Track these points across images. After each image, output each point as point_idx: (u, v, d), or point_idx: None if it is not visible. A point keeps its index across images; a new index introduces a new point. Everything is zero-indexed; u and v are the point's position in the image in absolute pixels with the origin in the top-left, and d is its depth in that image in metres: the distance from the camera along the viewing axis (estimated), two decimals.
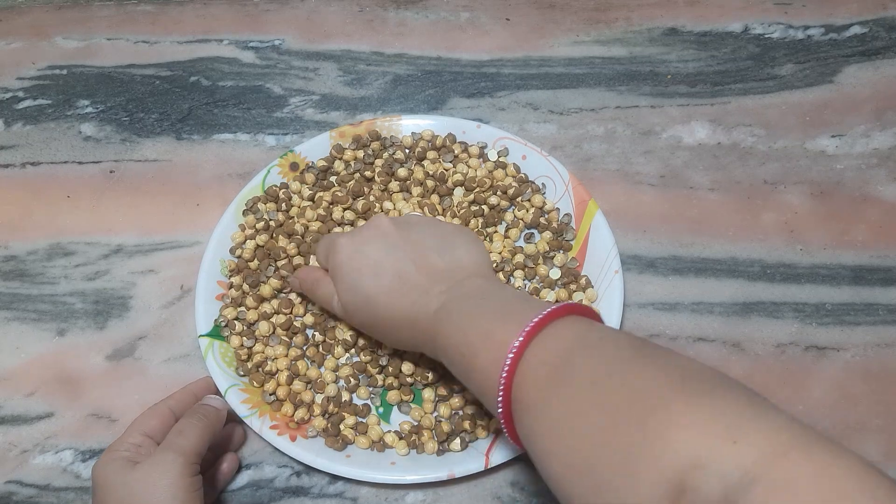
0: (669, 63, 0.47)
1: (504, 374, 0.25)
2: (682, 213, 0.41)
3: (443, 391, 0.35)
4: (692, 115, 0.45)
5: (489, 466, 0.33)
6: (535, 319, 0.25)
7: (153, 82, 0.47)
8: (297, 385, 0.35)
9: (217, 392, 0.35)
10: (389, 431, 0.35)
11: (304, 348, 0.36)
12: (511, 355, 0.25)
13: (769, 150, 0.44)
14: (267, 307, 0.37)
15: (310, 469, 0.34)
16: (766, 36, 0.48)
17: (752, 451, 0.19)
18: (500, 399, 0.25)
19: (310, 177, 0.41)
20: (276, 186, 0.41)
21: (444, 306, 0.29)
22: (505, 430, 0.26)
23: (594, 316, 0.27)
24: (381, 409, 0.35)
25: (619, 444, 0.21)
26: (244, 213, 0.40)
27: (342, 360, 0.36)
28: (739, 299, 0.39)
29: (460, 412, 0.35)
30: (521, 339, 0.25)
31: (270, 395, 0.35)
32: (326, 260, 0.33)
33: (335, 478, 0.34)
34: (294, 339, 0.36)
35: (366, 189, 0.40)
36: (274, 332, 0.36)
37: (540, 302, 0.28)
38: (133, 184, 0.43)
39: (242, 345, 0.36)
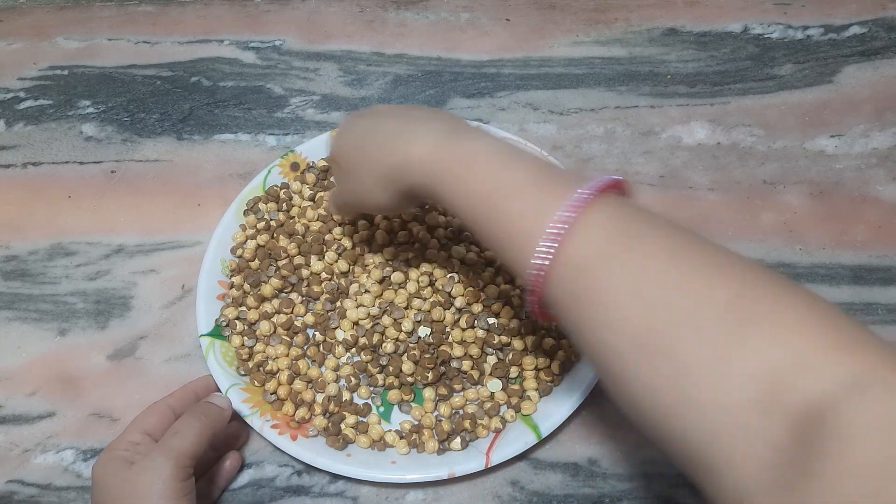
0: (669, 63, 0.47)
1: (553, 232, 0.22)
2: (682, 213, 0.41)
3: (443, 391, 0.35)
4: (692, 115, 0.45)
5: (489, 466, 0.33)
6: (591, 187, 0.22)
7: (154, 83, 0.47)
8: (298, 384, 0.35)
9: (217, 390, 0.35)
10: (390, 430, 0.35)
11: (305, 348, 0.36)
12: (566, 213, 0.22)
13: (768, 151, 0.44)
14: (268, 307, 0.37)
15: (310, 468, 0.34)
16: (766, 36, 0.48)
17: (861, 362, 0.18)
18: (543, 255, 0.22)
19: (310, 177, 0.41)
20: (276, 186, 0.41)
21: (462, 137, 0.26)
22: (530, 293, 0.23)
23: (629, 189, 0.25)
24: (381, 409, 0.35)
25: (707, 326, 0.19)
26: (245, 213, 0.40)
27: (343, 360, 0.36)
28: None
29: (461, 411, 0.35)
30: (576, 200, 0.22)
31: (271, 394, 0.35)
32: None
33: (336, 477, 0.34)
34: (295, 338, 0.36)
35: None
36: (275, 332, 0.36)
37: (569, 170, 0.26)
38: (134, 184, 0.43)
39: (243, 344, 0.36)
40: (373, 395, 0.35)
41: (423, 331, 0.36)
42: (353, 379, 0.35)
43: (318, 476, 0.35)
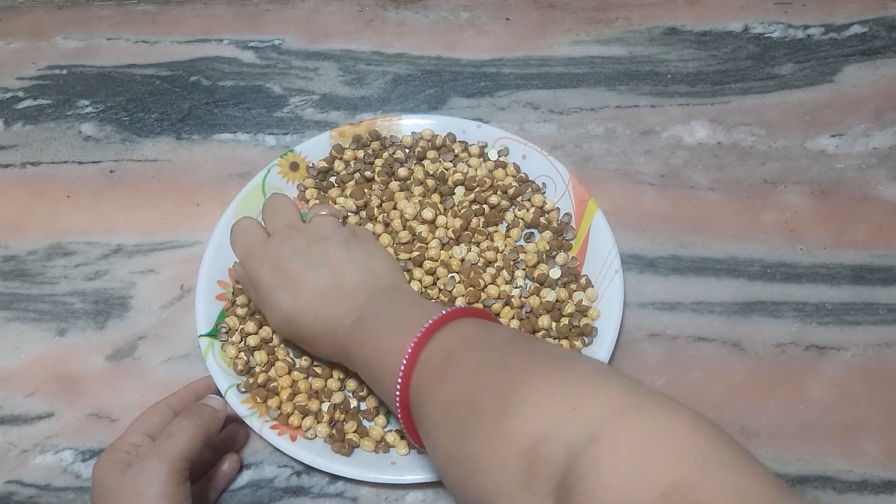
0: (669, 63, 0.47)
1: (399, 379, 0.26)
2: (683, 213, 0.41)
3: None
4: (692, 114, 0.45)
5: None
6: (425, 326, 0.27)
7: (153, 82, 0.47)
8: (301, 398, 0.35)
9: (218, 392, 0.35)
10: (390, 431, 0.34)
11: (308, 368, 0.36)
12: (405, 360, 0.26)
13: (769, 150, 0.44)
14: (268, 332, 0.36)
15: (310, 469, 0.34)
16: (766, 35, 0.48)
17: (593, 415, 0.20)
18: (397, 402, 0.27)
19: (310, 181, 0.41)
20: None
21: (356, 321, 0.30)
22: (400, 423, 0.28)
23: (486, 316, 0.29)
24: (388, 414, 0.35)
25: (486, 426, 0.22)
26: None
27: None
28: (740, 299, 0.39)
29: None
30: (412, 344, 0.26)
31: (276, 409, 0.34)
32: (245, 263, 0.33)
33: (335, 477, 0.34)
34: (299, 361, 0.36)
35: (366, 190, 0.40)
36: (273, 356, 0.36)
37: (436, 307, 0.29)
38: (133, 184, 0.43)
39: (239, 355, 0.36)
40: (381, 404, 0.35)
41: None
42: (363, 388, 0.35)
43: (318, 477, 0.35)
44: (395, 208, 0.40)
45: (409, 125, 0.43)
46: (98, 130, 0.46)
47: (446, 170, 0.41)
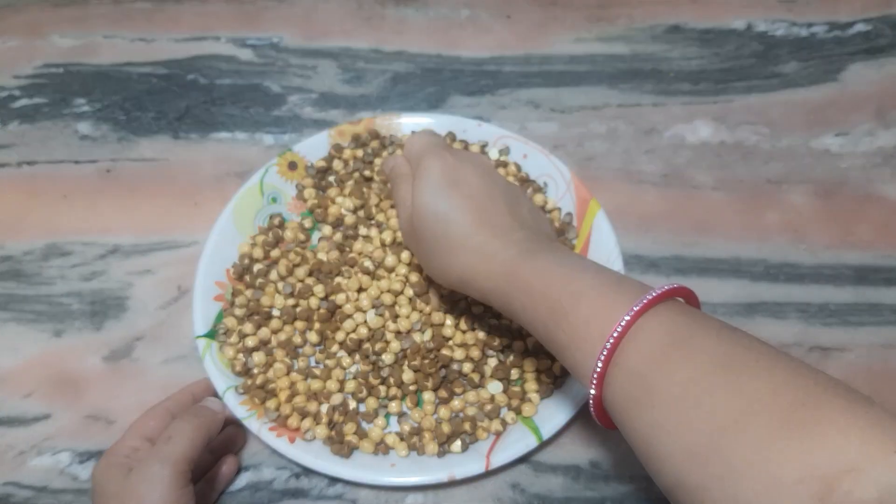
0: (672, 61, 0.47)
1: (611, 340, 0.23)
2: (685, 213, 0.41)
3: (443, 394, 0.35)
4: (695, 113, 0.44)
5: (490, 468, 0.33)
6: (653, 294, 0.24)
7: (150, 80, 0.47)
8: (299, 400, 0.35)
9: (216, 394, 0.35)
10: (390, 433, 0.34)
11: (306, 370, 0.35)
12: (626, 319, 0.23)
13: (773, 149, 0.43)
14: (266, 332, 0.36)
15: (309, 471, 0.34)
16: (770, 33, 0.48)
17: None
18: (599, 363, 0.24)
19: (309, 180, 0.41)
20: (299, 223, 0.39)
21: (531, 250, 0.27)
22: (591, 398, 0.25)
23: (697, 303, 0.26)
24: (388, 416, 0.35)
25: (758, 433, 0.20)
26: (264, 230, 0.39)
27: (349, 371, 0.36)
28: (743, 299, 0.38)
29: (461, 414, 0.35)
30: (637, 307, 0.24)
31: (274, 410, 0.34)
32: (419, 158, 0.31)
33: (334, 480, 0.34)
34: (297, 362, 0.35)
35: (364, 189, 0.40)
36: (272, 357, 0.35)
37: (636, 281, 0.26)
38: (130, 183, 0.43)
39: (237, 356, 0.35)
40: (380, 406, 0.35)
41: (419, 336, 0.35)
42: (362, 389, 0.35)
43: (317, 479, 0.34)
44: (392, 207, 0.39)
45: (408, 124, 0.43)
46: (95, 129, 0.45)
47: None
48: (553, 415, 0.34)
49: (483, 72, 0.46)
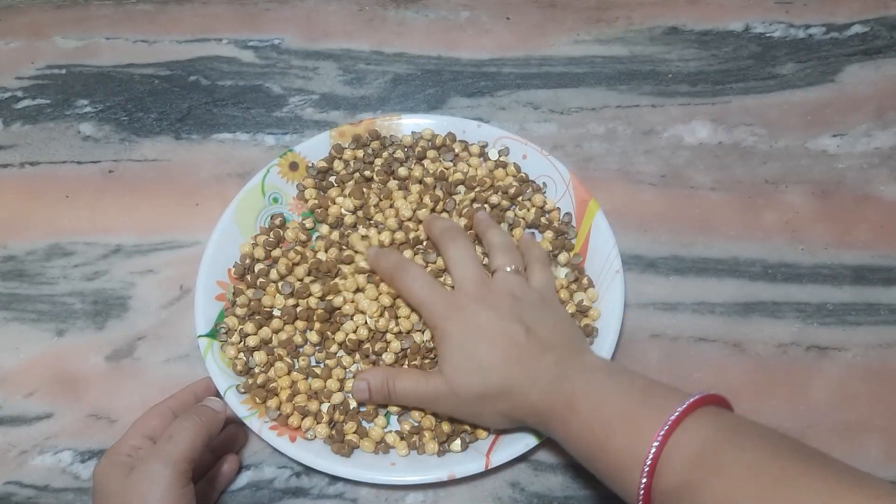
0: (670, 62, 0.47)
1: (649, 462, 0.25)
2: (684, 213, 0.41)
3: None
4: (693, 114, 0.45)
5: (489, 467, 0.33)
6: (681, 408, 0.25)
7: (152, 82, 0.47)
8: (300, 398, 0.35)
9: (218, 393, 0.35)
10: (390, 432, 0.34)
11: (307, 369, 0.36)
12: (658, 441, 0.25)
13: (770, 150, 0.43)
14: (267, 332, 0.36)
15: (310, 470, 0.34)
16: (768, 35, 0.48)
17: None
18: (642, 486, 0.25)
19: (309, 181, 0.41)
20: (300, 224, 0.39)
21: (560, 378, 0.29)
22: None
23: (728, 405, 0.27)
24: (388, 416, 0.35)
25: None
26: (266, 230, 0.39)
27: (350, 369, 0.36)
28: (741, 299, 0.39)
29: None
30: (667, 426, 0.25)
31: (275, 410, 0.34)
32: (433, 322, 0.32)
33: (335, 478, 0.34)
34: (298, 361, 0.36)
35: (364, 189, 0.40)
36: (273, 356, 0.36)
37: (668, 387, 0.27)
38: (132, 184, 0.43)
39: (238, 355, 0.36)
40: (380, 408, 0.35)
41: (420, 337, 0.35)
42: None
43: (318, 478, 0.35)
44: (391, 206, 0.39)
45: (408, 125, 0.43)
46: (97, 130, 0.45)
47: (446, 169, 0.41)
48: None
49: (483, 73, 0.47)
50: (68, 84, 0.47)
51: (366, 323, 0.36)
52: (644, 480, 0.25)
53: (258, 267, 0.38)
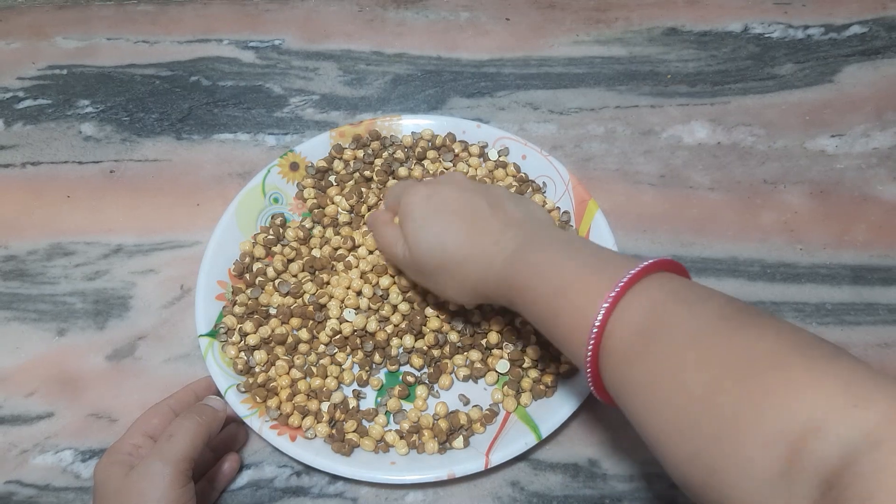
0: (669, 63, 0.47)
1: (598, 323, 0.24)
2: (682, 213, 0.41)
3: (445, 382, 0.35)
4: (692, 114, 0.45)
5: (489, 466, 0.33)
6: (632, 272, 0.24)
7: (153, 82, 0.47)
8: (300, 397, 0.35)
9: (217, 391, 0.35)
10: (390, 431, 0.34)
11: (305, 367, 0.36)
12: (606, 305, 0.24)
13: (769, 150, 0.44)
14: (266, 330, 0.36)
15: (310, 469, 0.34)
16: (766, 35, 0.48)
17: (874, 416, 0.18)
18: (589, 348, 0.24)
19: (309, 181, 0.41)
20: (303, 226, 0.39)
21: (523, 248, 0.28)
22: (590, 383, 0.26)
23: (684, 272, 0.26)
24: (388, 414, 0.35)
25: (727, 402, 0.21)
26: (266, 229, 0.39)
27: (345, 365, 0.36)
28: (740, 298, 0.39)
29: (458, 407, 0.35)
30: (616, 289, 0.24)
31: (275, 409, 0.34)
32: (397, 201, 0.32)
33: (335, 477, 0.34)
34: (295, 359, 0.36)
35: (363, 189, 0.40)
36: (273, 355, 0.36)
37: (624, 257, 0.27)
38: (133, 184, 0.43)
39: (239, 355, 0.36)
40: (380, 405, 0.35)
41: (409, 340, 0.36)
42: (363, 376, 0.35)
43: (318, 477, 0.35)
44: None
45: (408, 125, 0.43)
46: (98, 130, 0.46)
47: (446, 169, 0.41)
48: (552, 413, 0.34)
49: (482, 74, 0.47)
50: (69, 84, 0.47)
51: (351, 322, 0.36)
52: (592, 342, 0.24)
53: (256, 266, 0.38)
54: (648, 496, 0.34)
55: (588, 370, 0.25)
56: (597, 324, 0.24)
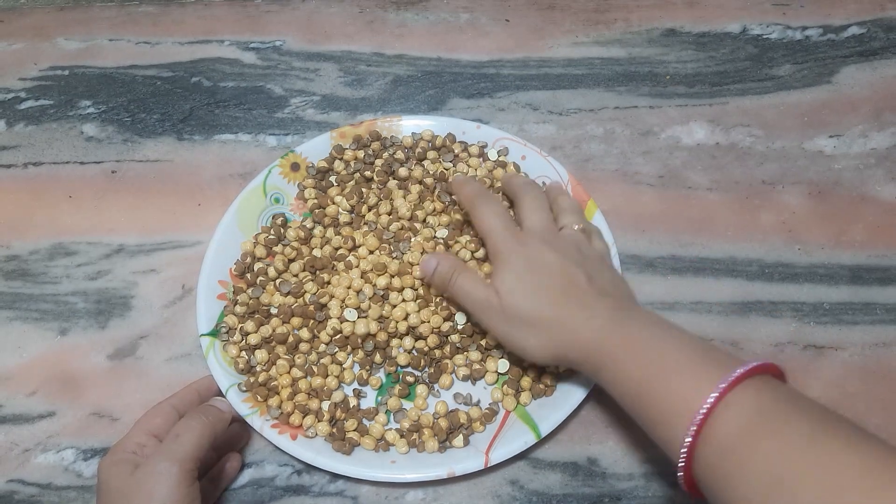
0: (668, 64, 0.47)
1: (703, 412, 0.24)
2: (681, 213, 0.42)
3: (445, 381, 0.35)
4: (691, 115, 0.45)
5: (489, 465, 0.33)
6: (741, 370, 0.25)
7: (155, 83, 0.48)
8: (301, 396, 0.35)
9: (219, 391, 0.35)
10: (390, 429, 0.35)
11: (306, 367, 0.36)
12: (714, 395, 0.24)
13: (767, 151, 0.44)
14: (267, 329, 0.36)
15: (310, 467, 0.35)
16: (765, 36, 0.48)
17: None
18: (689, 437, 0.25)
19: (310, 181, 0.41)
20: (304, 227, 0.39)
21: (618, 320, 0.29)
22: (681, 468, 0.26)
23: (783, 375, 0.27)
24: (388, 412, 0.35)
25: None
26: (267, 229, 0.39)
27: (346, 364, 0.36)
28: (738, 299, 0.39)
29: (458, 406, 0.35)
30: (725, 383, 0.25)
31: (276, 408, 0.35)
32: (495, 249, 0.32)
33: (336, 476, 0.34)
34: (296, 358, 0.36)
35: (364, 189, 0.40)
36: (274, 359, 0.36)
37: (723, 349, 0.27)
38: (135, 184, 0.44)
39: (240, 354, 0.36)
40: (380, 404, 0.35)
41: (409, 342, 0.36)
42: (364, 374, 0.35)
43: (318, 475, 0.35)
44: (389, 214, 0.39)
45: (409, 126, 0.43)
46: (100, 131, 0.46)
47: (446, 170, 0.41)
48: (551, 412, 0.34)
49: (482, 75, 0.47)
50: (71, 85, 0.48)
51: (353, 322, 0.36)
52: (692, 430, 0.24)
53: (257, 266, 0.38)
54: (647, 495, 0.34)
55: (682, 456, 0.25)
56: (702, 412, 0.24)
